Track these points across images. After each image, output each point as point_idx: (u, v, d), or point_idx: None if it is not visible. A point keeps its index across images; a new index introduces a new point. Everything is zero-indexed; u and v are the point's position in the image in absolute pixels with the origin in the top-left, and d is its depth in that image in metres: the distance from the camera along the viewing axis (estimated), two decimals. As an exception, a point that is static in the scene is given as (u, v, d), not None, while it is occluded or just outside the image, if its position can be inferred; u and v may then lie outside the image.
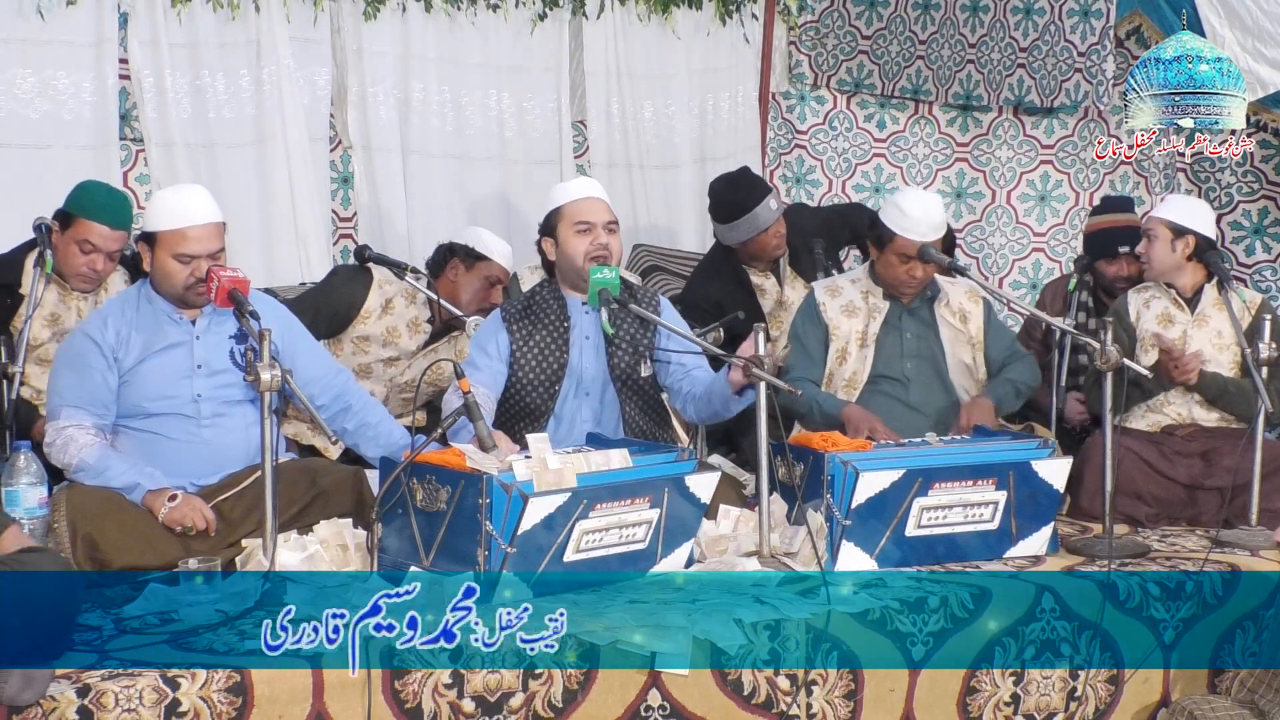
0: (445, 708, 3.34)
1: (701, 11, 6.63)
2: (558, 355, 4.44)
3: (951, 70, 6.53)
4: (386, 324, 5.04)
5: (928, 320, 4.89)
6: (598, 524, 3.67)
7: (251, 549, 3.82)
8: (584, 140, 6.48)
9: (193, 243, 4.03)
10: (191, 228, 4.04)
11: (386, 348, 5.05)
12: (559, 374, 4.44)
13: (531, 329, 4.45)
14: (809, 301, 4.94)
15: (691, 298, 5.61)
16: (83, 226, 4.53)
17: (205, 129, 5.60)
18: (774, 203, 5.54)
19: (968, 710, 3.87)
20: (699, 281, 5.76)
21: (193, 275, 4.02)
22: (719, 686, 3.56)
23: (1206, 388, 4.87)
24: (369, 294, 5.02)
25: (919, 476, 4.06)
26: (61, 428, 4.00)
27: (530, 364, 4.43)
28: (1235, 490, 4.61)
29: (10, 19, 5.24)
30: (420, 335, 5.10)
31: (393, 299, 5.06)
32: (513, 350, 4.44)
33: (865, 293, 4.90)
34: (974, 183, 6.87)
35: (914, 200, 4.83)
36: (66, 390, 4.04)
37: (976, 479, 4.14)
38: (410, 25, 5.97)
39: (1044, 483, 4.22)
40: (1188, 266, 4.96)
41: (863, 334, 4.85)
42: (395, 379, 5.08)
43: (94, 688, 3.04)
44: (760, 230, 5.52)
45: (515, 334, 4.45)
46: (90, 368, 4.03)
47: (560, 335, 4.44)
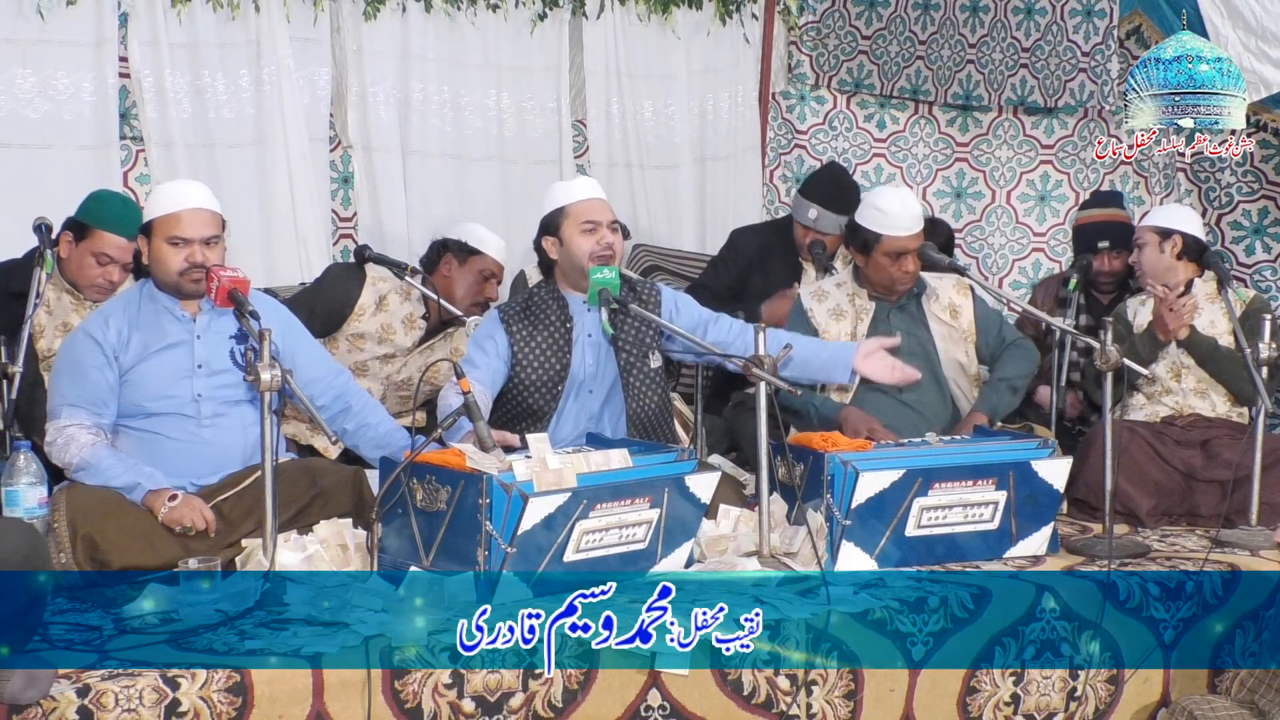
0: (445, 708, 3.34)
1: (701, 11, 6.63)
2: (560, 356, 4.44)
3: (951, 70, 6.53)
4: (381, 321, 5.04)
5: (917, 317, 4.89)
6: (598, 524, 3.68)
7: (251, 549, 3.82)
8: (584, 140, 6.48)
9: (185, 226, 4.04)
10: (185, 211, 4.07)
11: (382, 345, 5.05)
12: (562, 375, 4.44)
13: (532, 330, 4.45)
14: (797, 305, 4.96)
15: (740, 238, 5.87)
16: (99, 239, 4.54)
17: (205, 129, 5.60)
18: (813, 211, 5.65)
19: (968, 710, 3.87)
20: (758, 227, 6.04)
21: (187, 260, 4.03)
22: (719, 686, 3.56)
23: (1196, 345, 4.91)
24: (362, 291, 5.02)
25: (919, 476, 4.06)
26: (62, 427, 4.00)
27: (532, 365, 4.43)
28: (1235, 484, 4.63)
29: (10, 19, 5.24)
30: (415, 332, 5.10)
31: (386, 296, 5.06)
32: (513, 351, 4.44)
33: (851, 295, 4.91)
34: (974, 183, 6.87)
35: (890, 198, 4.87)
36: (67, 389, 4.04)
37: (976, 479, 4.14)
38: (410, 25, 5.97)
39: (1044, 483, 4.22)
40: (1178, 265, 5.03)
41: (852, 335, 4.85)
42: (392, 377, 5.08)
43: (94, 688, 3.04)
44: (798, 222, 5.70)
45: (515, 334, 4.44)
46: (90, 366, 4.04)
47: (562, 336, 4.44)
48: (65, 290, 4.60)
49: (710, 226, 6.76)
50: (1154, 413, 5.00)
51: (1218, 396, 4.99)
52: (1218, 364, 4.92)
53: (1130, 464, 4.70)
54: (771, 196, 6.89)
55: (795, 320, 4.94)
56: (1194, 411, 4.97)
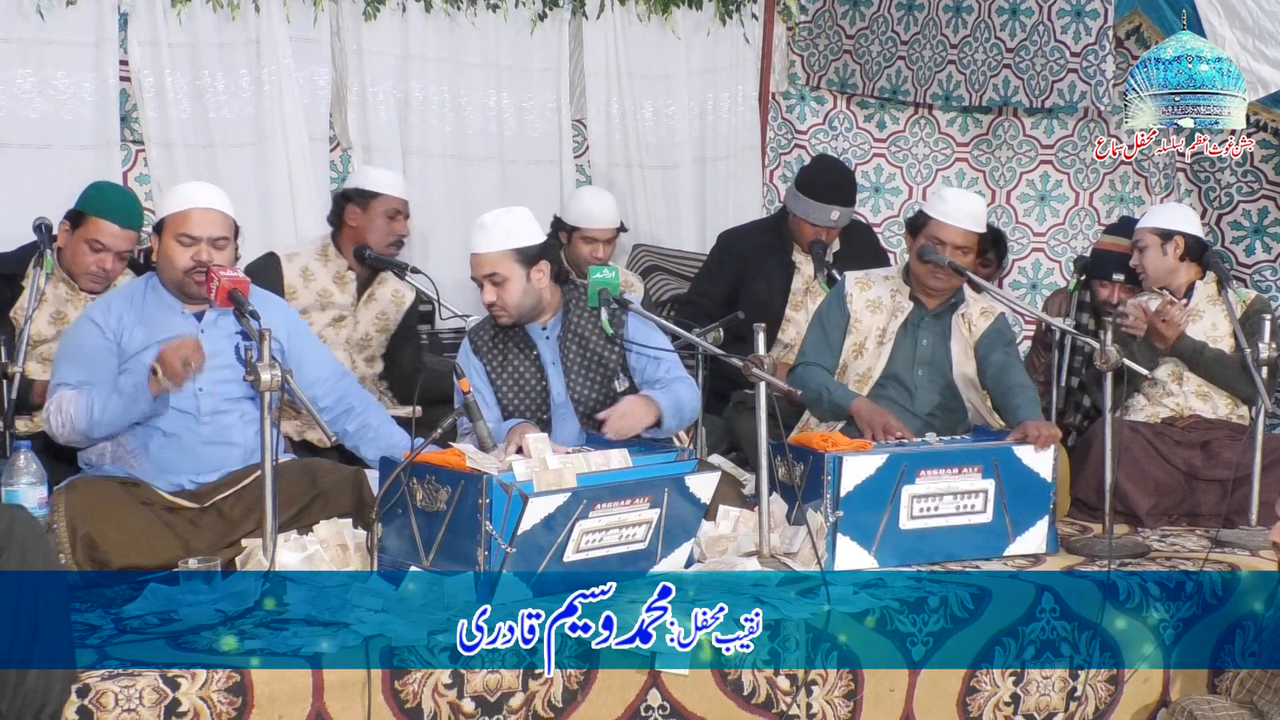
0: (445, 708, 3.34)
1: (701, 11, 6.62)
2: (537, 382, 4.37)
3: (931, 71, 6.51)
4: (315, 290, 5.01)
5: (944, 330, 4.80)
6: (598, 524, 3.68)
7: (251, 549, 3.82)
8: (584, 140, 6.48)
9: (194, 224, 4.06)
10: (195, 210, 4.09)
11: (326, 310, 5.02)
12: (544, 399, 4.37)
13: (504, 358, 4.38)
14: (839, 288, 4.89)
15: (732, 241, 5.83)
16: (93, 225, 4.54)
17: (205, 129, 5.59)
18: (836, 213, 5.58)
19: (968, 710, 3.87)
20: (748, 229, 5.95)
21: (193, 259, 4.03)
22: (719, 686, 3.56)
23: (1183, 350, 4.91)
24: (284, 272, 4.99)
25: (903, 462, 4.10)
26: (57, 398, 4.01)
27: (513, 392, 4.36)
28: (1235, 484, 4.63)
29: (10, 19, 5.23)
30: (349, 285, 5.06)
31: (307, 265, 5.02)
32: (490, 378, 4.38)
33: (894, 291, 4.82)
34: (974, 183, 6.86)
35: (958, 191, 4.96)
36: (67, 373, 4.05)
37: (961, 466, 4.16)
38: (410, 25, 5.97)
39: (1031, 471, 4.24)
40: (1181, 267, 5.01)
41: (883, 331, 4.78)
42: (350, 338, 5.05)
43: (94, 688, 3.04)
44: (802, 217, 5.62)
45: (489, 362, 4.37)
46: (91, 348, 4.04)
47: (534, 362, 4.38)
48: (62, 280, 4.60)
49: (710, 226, 6.74)
50: (1154, 414, 5.00)
51: (1219, 398, 4.99)
52: (1206, 367, 4.91)
53: (1131, 463, 4.70)
54: (771, 196, 6.88)
55: (831, 303, 4.87)
56: (1195, 413, 4.97)
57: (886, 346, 4.77)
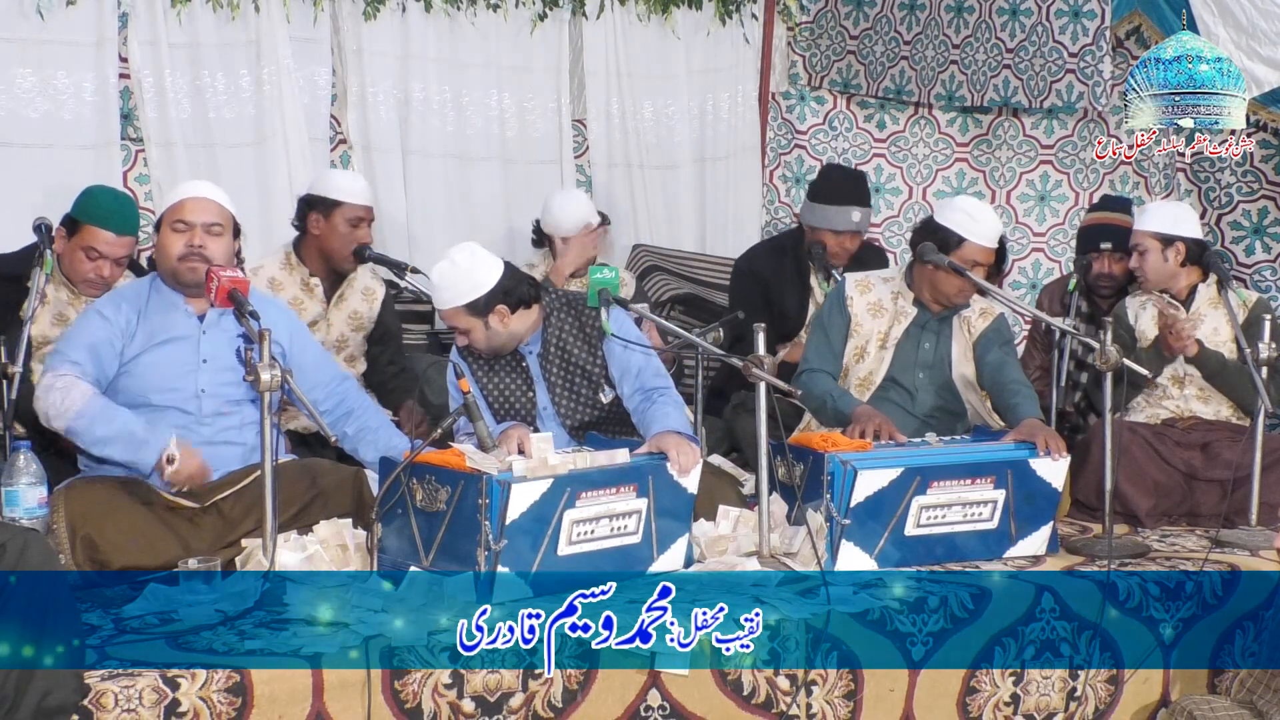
0: (445, 708, 3.34)
1: (701, 11, 6.63)
2: (525, 396, 4.36)
3: (935, 71, 6.52)
4: (285, 298, 4.97)
5: (946, 333, 4.77)
6: (586, 513, 3.68)
7: (251, 549, 3.82)
8: (584, 140, 6.48)
9: (188, 211, 4.08)
10: (189, 199, 4.12)
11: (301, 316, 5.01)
12: (531, 410, 4.36)
13: (490, 371, 4.34)
14: (838, 292, 4.83)
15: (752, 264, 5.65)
16: (88, 233, 4.54)
17: (205, 129, 5.60)
18: (856, 214, 5.48)
19: (967, 710, 3.87)
20: (762, 250, 5.78)
21: (186, 245, 4.04)
22: (719, 686, 3.56)
23: (1205, 361, 4.88)
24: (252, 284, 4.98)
25: (917, 475, 4.07)
26: (61, 373, 3.97)
27: (503, 406, 4.33)
28: (1235, 484, 4.63)
29: (10, 18, 5.24)
30: (317, 290, 5.02)
31: (274, 276, 4.98)
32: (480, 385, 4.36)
33: (895, 294, 4.76)
34: (974, 183, 6.87)
35: (981, 206, 4.72)
36: (71, 350, 4.02)
37: (975, 478, 4.15)
38: (410, 25, 5.97)
39: (1043, 482, 4.22)
40: (1182, 272, 4.98)
41: (884, 335, 4.75)
42: (325, 341, 5.01)
43: (94, 688, 3.04)
44: (825, 226, 5.47)
45: (477, 375, 4.33)
46: (98, 335, 4.03)
47: (522, 374, 4.35)
48: (63, 284, 4.60)
49: (710, 226, 6.76)
50: (1155, 415, 4.99)
51: (1220, 402, 4.97)
52: (1226, 379, 4.88)
53: (1130, 464, 4.70)
54: (772, 196, 6.89)
55: (831, 306, 4.81)
56: (1195, 415, 4.96)
57: (889, 351, 4.75)
